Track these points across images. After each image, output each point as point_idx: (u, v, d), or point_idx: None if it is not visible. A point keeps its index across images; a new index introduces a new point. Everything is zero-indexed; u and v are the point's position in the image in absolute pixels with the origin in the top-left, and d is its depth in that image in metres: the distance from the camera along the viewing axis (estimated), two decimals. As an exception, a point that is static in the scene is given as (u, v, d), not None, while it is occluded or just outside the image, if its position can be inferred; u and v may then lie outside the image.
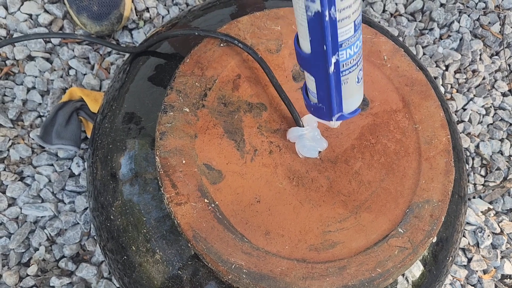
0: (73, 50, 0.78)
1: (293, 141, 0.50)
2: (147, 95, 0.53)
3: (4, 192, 0.70)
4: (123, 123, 0.53)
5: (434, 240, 0.52)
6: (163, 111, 0.48)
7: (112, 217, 0.50)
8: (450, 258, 0.56)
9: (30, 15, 0.79)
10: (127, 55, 0.79)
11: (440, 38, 0.90)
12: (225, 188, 0.47)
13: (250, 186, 0.48)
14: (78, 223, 0.70)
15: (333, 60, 0.34)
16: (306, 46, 0.35)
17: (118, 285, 0.67)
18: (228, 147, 0.48)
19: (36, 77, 0.76)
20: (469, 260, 0.77)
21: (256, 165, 0.49)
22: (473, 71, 0.88)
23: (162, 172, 0.46)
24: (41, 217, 0.70)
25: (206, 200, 0.45)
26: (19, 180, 0.72)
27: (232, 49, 0.52)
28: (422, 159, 0.51)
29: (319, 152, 0.50)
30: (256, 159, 0.49)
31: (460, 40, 0.89)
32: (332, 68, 0.35)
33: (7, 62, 0.77)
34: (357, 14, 0.33)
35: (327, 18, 0.31)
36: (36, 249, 0.69)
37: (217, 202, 0.46)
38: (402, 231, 0.48)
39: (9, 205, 0.70)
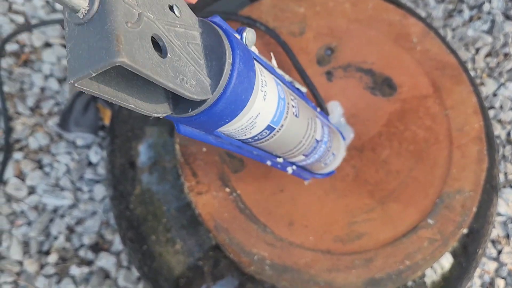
0: (90, 37, 0.77)
1: None
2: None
3: (24, 180, 0.70)
4: (142, 110, 0.51)
5: (465, 231, 0.49)
6: (182, 97, 0.47)
7: (131, 206, 0.49)
8: (481, 250, 0.54)
9: (48, 1, 0.78)
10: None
11: (470, 20, 0.86)
12: (247, 177, 0.45)
13: (273, 175, 0.46)
14: (97, 212, 0.70)
15: (289, 169, 0.40)
16: None
17: (137, 274, 0.67)
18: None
19: (53, 64, 0.76)
20: (499, 252, 0.74)
21: (279, 153, 0.47)
22: (505, 55, 0.84)
23: (182, 160, 0.44)
24: (60, 205, 0.70)
25: (227, 189, 0.44)
26: (38, 168, 0.71)
27: (254, 32, 0.50)
28: (453, 147, 0.49)
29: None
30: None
31: (492, 22, 0.85)
32: (290, 172, 0.40)
33: (25, 49, 0.76)
34: (306, 150, 0.36)
35: (269, 163, 0.37)
36: (56, 238, 0.69)
37: (239, 192, 0.44)
38: (431, 222, 0.46)
39: (29, 194, 0.70)
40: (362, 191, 0.47)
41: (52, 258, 0.67)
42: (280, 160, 0.36)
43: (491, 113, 0.81)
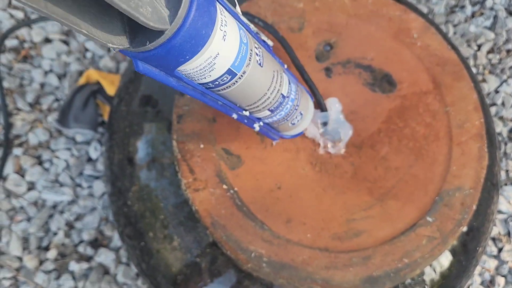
0: (90, 32, 0.77)
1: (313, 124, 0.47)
2: (164, 77, 0.51)
3: (23, 176, 0.70)
4: (140, 106, 0.51)
5: (465, 229, 0.49)
6: (180, 94, 0.46)
7: (129, 202, 0.49)
8: (481, 248, 0.53)
9: (47, -3, 0.78)
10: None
11: (472, 16, 0.85)
12: (245, 173, 0.45)
13: (270, 172, 0.46)
14: (96, 208, 0.70)
15: (256, 125, 0.38)
16: None
17: (136, 271, 0.67)
18: (247, 131, 0.46)
19: (53, 59, 0.75)
20: (500, 250, 0.74)
21: (277, 150, 0.46)
22: (508, 51, 0.83)
23: (179, 157, 0.44)
24: (60, 201, 0.70)
25: (224, 186, 0.44)
26: (38, 164, 0.71)
27: (252, 28, 0.49)
28: (453, 144, 0.48)
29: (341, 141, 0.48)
30: (277, 143, 0.47)
31: (494, 18, 0.84)
32: (257, 129, 0.39)
33: (25, 45, 0.76)
34: (271, 104, 0.35)
35: (234, 116, 0.35)
36: (55, 234, 0.69)
37: (236, 188, 0.44)
38: (431, 219, 0.45)
39: (29, 189, 0.70)
40: (361, 188, 0.46)
41: (52, 254, 0.67)
42: (246, 113, 0.35)
43: (493, 110, 0.80)
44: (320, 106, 0.46)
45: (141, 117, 0.50)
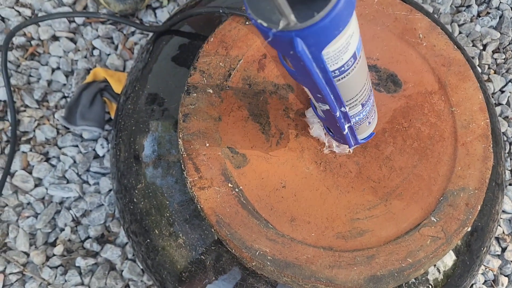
0: (97, 30, 0.77)
1: (311, 122, 0.47)
2: (170, 76, 0.52)
3: (30, 173, 0.71)
4: (146, 104, 0.52)
5: (469, 229, 0.49)
6: (186, 92, 0.47)
7: (135, 199, 0.50)
8: (485, 248, 0.53)
9: (54, -5, 0.79)
10: (150, 34, 0.77)
11: (478, 15, 0.85)
12: (250, 172, 0.45)
13: (275, 171, 0.46)
14: (102, 205, 0.70)
15: (346, 126, 0.38)
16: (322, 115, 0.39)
17: (141, 267, 0.67)
18: (252, 130, 0.47)
19: (60, 57, 0.76)
20: (503, 249, 0.74)
21: (282, 149, 0.47)
22: (513, 51, 0.83)
23: (185, 155, 0.44)
24: (67, 198, 0.71)
25: (230, 185, 0.44)
26: (45, 161, 0.72)
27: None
28: (458, 144, 0.48)
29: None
30: (282, 142, 0.47)
31: (500, 17, 0.84)
32: (346, 131, 0.39)
33: (32, 42, 0.77)
34: (364, 97, 0.36)
35: (338, 114, 0.35)
36: (62, 230, 0.69)
37: (241, 187, 0.45)
38: (435, 220, 0.45)
39: (36, 186, 0.71)
40: (365, 188, 0.47)
41: (58, 249, 0.68)
42: (347, 109, 0.35)
43: (498, 109, 0.80)
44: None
45: (148, 115, 0.51)
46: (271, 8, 0.23)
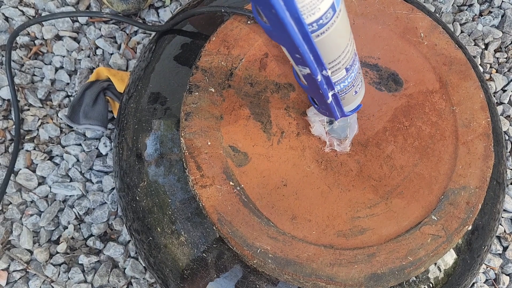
0: (100, 29, 0.78)
1: (312, 121, 0.47)
2: (173, 75, 0.52)
3: (34, 171, 0.72)
4: (149, 103, 0.52)
5: (470, 228, 0.49)
6: (188, 91, 0.47)
7: (137, 198, 0.50)
8: (486, 247, 0.53)
9: (58, -6, 0.79)
10: (153, 34, 0.78)
11: (480, 14, 0.85)
12: (251, 171, 0.46)
13: (276, 169, 0.46)
14: (105, 203, 0.71)
15: (330, 94, 0.36)
16: (304, 82, 0.37)
17: (144, 265, 0.68)
18: (254, 129, 0.47)
19: (64, 56, 0.77)
20: (505, 248, 0.74)
21: (283, 148, 0.47)
22: (515, 50, 0.83)
23: (187, 153, 0.45)
24: (70, 196, 0.71)
25: (231, 183, 0.44)
26: (48, 160, 0.73)
27: (260, 27, 0.50)
28: (459, 143, 0.48)
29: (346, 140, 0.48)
30: (283, 141, 0.47)
31: (502, 16, 0.84)
32: (330, 100, 0.37)
33: (36, 42, 0.77)
34: (348, 61, 0.34)
35: (319, 78, 0.33)
36: (65, 228, 0.70)
37: (242, 185, 0.45)
38: (435, 218, 0.46)
39: (39, 184, 0.71)
40: (366, 186, 0.47)
41: (61, 247, 0.68)
42: (329, 73, 0.33)
43: (500, 108, 0.80)
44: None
45: (150, 114, 0.51)
46: None
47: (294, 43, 0.28)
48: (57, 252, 0.69)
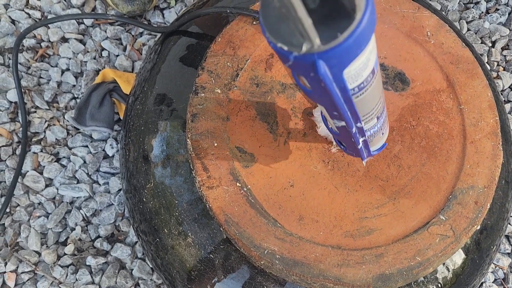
0: (105, 31, 0.78)
1: (319, 122, 0.47)
2: (179, 76, 0.52)
3: (41, 173, 0.72)
4: (155, 104, 0.52)
5: (478, 228, 0.49)
6: (194, 93, 0.47)
7: (144, 199, 0.50)
8: (495, 246, 0.53)
9: (63, -3, 0.79)
10: (158, 35, 0.78)
11: (487, 12, 0.84)
12: (258, 171, 0.45)
13: (283, 170, 0.46)
14: (112, 204, 0.71)
15: (361, 140, 0.37)
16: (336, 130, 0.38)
17: (151, 266, 0.68)
18: (260, 130, 0.47)
19: (70, 58, 0.77)
20: (514, 248, 0.73)
21: (290, 148, 0.47)
22: (523, 48, 0.82)
23: (194, 155, 0.45)
24: (77, 197, 0.71)
25: (238, 184, 0.44)
26: (55, 161, 0.73)
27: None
28: (467, 142, 0.48)
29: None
30: (290, 141, 0.47)
31: (509, 14, 0.83)
32: (360, 145, 0.38)
33: (42, 44, 0.78)
34: (379, 110, 0.35)
35: (354, 130, 0.34)
36: (73, 229, 0.70)
37: (249, 186, 0.45)
38: (444, 218, 0.45)
39: (46, 186, 0.72)
40: (373, 186, 0.47)
41: (69, 249, 0.69)
42: (363, 124, 0.35)
43: (508, 107, 0.79)
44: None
45: (156, 115, 0.51)
46: (291, 31, 0.22)
47: (336, 105, 0.29)
48: (65, 254, 0.69)
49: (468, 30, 0.83)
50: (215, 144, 0.45)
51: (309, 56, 0.23)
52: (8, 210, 0.70)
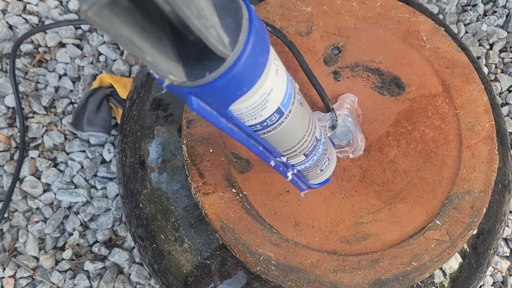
0: (102, 36, 0.78)
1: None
2: (174, 82, 0.52)
3: (39, 178, 0.72)
4: (151, 109, 0.52)
5: (475, 232, 0.49)
6: (189, 99, 0.47)
7: (141, 205, 0.50)
8: (492, 250, 0.53)
9: (61, 2, 0.80)
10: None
11: (484, 14, 0.84)
12: (253, 177, 0.45)
13: (279, 176, 0.46)
14: (110, 209, 0.71)
15: (289, 174, 0.37)
16: None
17: (148, 271, 0.68)
18: (256, 135, 0.47)
19: (67, 63, 0.77)
20: (512, 251, 0.73)
21: (285, 154, 0.47)
22: (520, 50, 0.82)
23: (189, 161, 0.45)
24: (75, 202, 0.71)
25: (234, 190, 0.44)
26: (53, 167, 0.73)
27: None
28: (463, 147, 0.48)
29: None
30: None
31: (507, 16, 0.83)
32: (289, 178, 0.37)
33: (39, 49, 0.78)
34: (307, 148, 0.34)
35: (272, 164, 0.33)
36: (70, 234, 0.70)
37: (245, 192, 0.45)
38: (440, 223, 0.45)
39: (44, 191, 0.72)
40: (369, 192, 0.47)
41: (67, 254, 0.69)
42: (283, 159, 0.34)
43: (505, 109, 0.79)
44: (327, 109, 0.47)
45: (152, 120, 0.51)
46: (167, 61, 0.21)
47: (234, 138, 0.28)
48: (63, 259, 0.69)
49: (466, 32, 0.83)
50: (211, 150, 0.45)
51: (179, 89, 0.22)
52: (6, 215, 0.70)
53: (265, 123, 0.28)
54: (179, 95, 0.23)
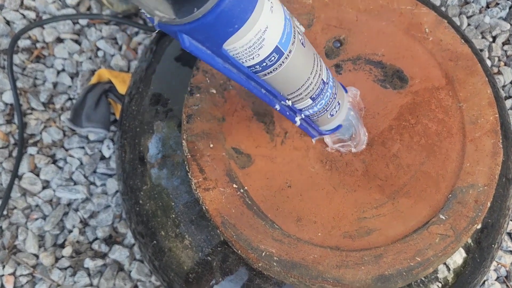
0: (100, 31, 0.77)
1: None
2: (174, 76, 0.51)
3: (38, 175, 0.71)
4: (150, 105, 0.51)
5: (479, 226, 0.48)
6: (189, 93, 0.46)
7: (141, 201, 0.50)
8: (496, 244, 0.52)
9: (58, -4, 0.79)
10: (154, 34, 0.77)
11: (487, 6, 0.83)
12: (255, 172, 0.45)
13: (280, 171, 0.45)
14: (110, 206, 0.71)
15: (297, 119, 0.37)
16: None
17: (149, 268, 0.67)
18: (257, 130, 0.46)
19: (65, 59, 0.76)
20: (515, 245, 0.73)
21: (287, 148, 0.46)
22: (524, 42, 0.81)
23: (189, 156, 0.44)
24: (74, 199, 0.71)
25: (234, 185, 0.44)
26: (52, 163, 0.72)
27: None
28: (466, 140, 0.47)
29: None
30: (287, 142, 0.47)
31: (510, 8, 0.82)
32: (298, 123, 0.37)
33: (37, 45, 0.77)
34: (313, 91, 0.33)
35: (278, 108, 0.33)
36: (70, 231, 0.70)
37: (246, 187, 0.44)
38: (443, 217, 0.45)
39: (43, 188, 0.71)
40: (372, 186, 0.46)
41: (67, 251, 0.68)
42: (289, 103, 0.33)
43: (509, 102, 0.78)
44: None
45: (152, 116, 0.51)
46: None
47: (232, 78, 0.28)
48: (63, 256, 0.68)
49: (468, 25, 0.82)
50: (211, 145, 0.45)
51: (170, 27, 0.22)
52: (5, 212, 0.70)
53: (264, 63, 0.27)
54: (171, 34, 0.23)
